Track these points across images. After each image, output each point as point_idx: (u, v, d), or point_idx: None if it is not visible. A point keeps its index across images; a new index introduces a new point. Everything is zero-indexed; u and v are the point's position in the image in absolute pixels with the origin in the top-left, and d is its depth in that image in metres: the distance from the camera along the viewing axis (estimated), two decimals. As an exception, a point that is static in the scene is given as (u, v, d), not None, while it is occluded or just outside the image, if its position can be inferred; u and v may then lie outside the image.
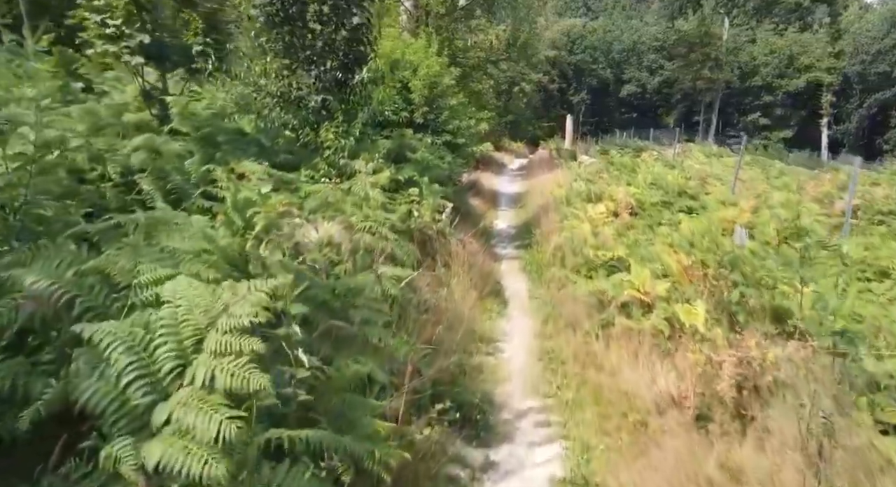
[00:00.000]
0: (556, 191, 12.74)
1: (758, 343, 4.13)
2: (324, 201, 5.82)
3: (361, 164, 7.32)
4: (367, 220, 5.59)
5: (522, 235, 11.17)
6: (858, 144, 46.53)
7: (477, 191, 14.71)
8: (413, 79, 12.06)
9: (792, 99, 46.80)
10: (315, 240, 5.08)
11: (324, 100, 8.43)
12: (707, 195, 13.41)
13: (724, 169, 17.87)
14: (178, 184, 5.20)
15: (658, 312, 5.54)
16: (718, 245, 6.64)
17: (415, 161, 9.17)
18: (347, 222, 5.38)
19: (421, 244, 7.40)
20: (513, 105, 35.42)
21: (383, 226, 5.87)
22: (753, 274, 6.27)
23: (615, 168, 13.52)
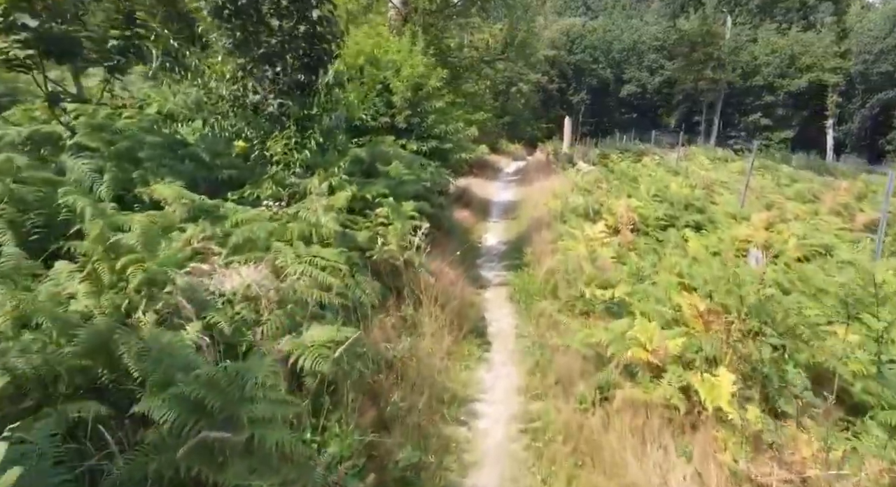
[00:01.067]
0: (551, 203, 11.48)
1: (816, 455, 2.87)
2: (251, 236, 4.57)
3: (314, 183, 6.06)
4: (304, 260, 4.33)
5: (513, 254, 9.91)
6: (861, 145, 45.14)
7: (467, 201, 13.44)
8: (395, 80, 10.79)
9: (793, 99, 45.41)
10: (229, 293, 3.85)
11: (281, 104, 7.19)
12: (714, 205, 12.14)
13: (730, 175, 16.58)
14: (45, 220, 3.94)
15: (670, 378, 4.29)
16: (738, 283, 5.37)
17: (386, 175, 7.91)
18: (274, 265, 4.13)
19: (389, 275, 6.17)
20: (510, 106, 34.13)
21: (332, 264, 4.62)
22: (785, 321, 5.02)
23: (615, 176, 12.27)
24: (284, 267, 4.16)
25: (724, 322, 4.80)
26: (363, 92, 10.98)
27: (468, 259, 9.52)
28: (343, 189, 6.57)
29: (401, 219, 6.44)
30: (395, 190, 7.77)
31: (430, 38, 16.04)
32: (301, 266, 4.17)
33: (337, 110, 7.89)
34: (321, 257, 4.39)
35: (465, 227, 11.34)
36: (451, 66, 18.18)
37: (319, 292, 4.06)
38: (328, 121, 7.45)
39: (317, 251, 4.51)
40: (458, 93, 18.95)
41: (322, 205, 5.62)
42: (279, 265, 4.16)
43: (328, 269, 4.49)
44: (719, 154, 20.28)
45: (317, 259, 4.33)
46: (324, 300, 4.18)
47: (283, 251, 4.35)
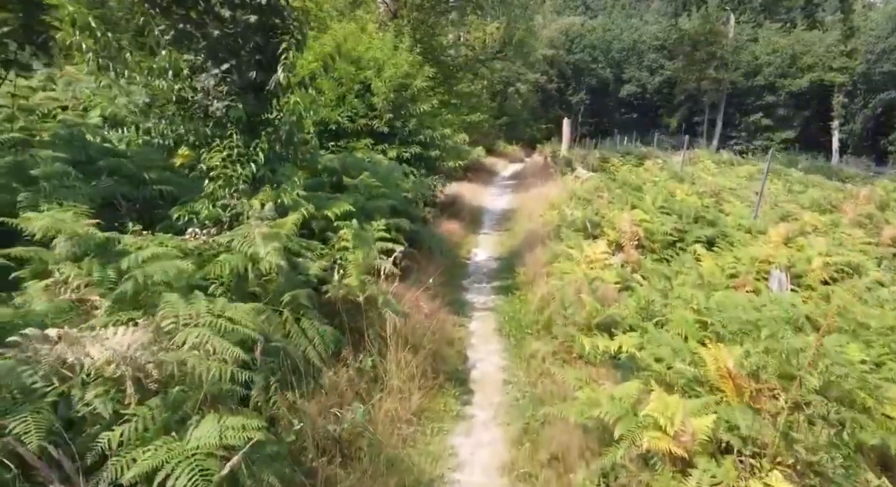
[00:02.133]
0: (547, 214, 10.34)
1: None
2: (148, 280, 3.43)
3: (255, 203, 4.92)
4: (203, 321, 3.18)
5: (504, 273, 8.77)
6: (862, 146, 43.91)
7: (458, 210, 12.29)
8: (376, 80, 9.63)
9: (794, 99, 44.20)
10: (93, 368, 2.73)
11: (228, 107, 6.05)
12: (724, 215, 10.98)
13: (738, 180, 15.40)
14: None
15: (700, 479, 3.14)
16: (777, 334, 4.23)
17: (354, 189, 6.77)
18: (158, 328, 2.99)
19: (349, 315, 5.02)
20: (508, 106, 32.94)
21: (242, 327, 3.48)
22: (839, 385, 3.88)
23: (618, 184, 11.12)
24: (171, 330, 3.01)
25: (765, 390, 3.66)
26: (341, 92, 9.83)
27: (454, 280, 8.38)
28: (298, 208, 5.43)
29: (364, 245, 5.28)
30: (364, 206, 6.64)
31: (421, 35, 14.88)
32: (197, 330, 3.01)
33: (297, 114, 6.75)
34: (228, 318, 3.22)
35: (454, 241, 10.19)
36: (444, 65, 17.04)
37: (222, 366, 2.91)
38: (283, 127, 6.31)
39: (222, 307, 3.34)
40: (451, 93, 17.80)
41: (262, 232, 4.47)
42: (167, 327, 3.01)
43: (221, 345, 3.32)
44: (724, 157, 19.09)
45: (221, 320, 3.17)
46: (235, 376, 3.03)
47: (175, 305, 3.19)
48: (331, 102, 9.68)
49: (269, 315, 4.20)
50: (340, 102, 9.75)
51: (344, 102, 9.71)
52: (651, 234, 8.58)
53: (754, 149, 44.27)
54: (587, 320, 5.50)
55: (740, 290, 7.41)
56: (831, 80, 41.24)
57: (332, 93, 9.72)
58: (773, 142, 44.92)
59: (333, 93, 9.73)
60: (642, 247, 8.51)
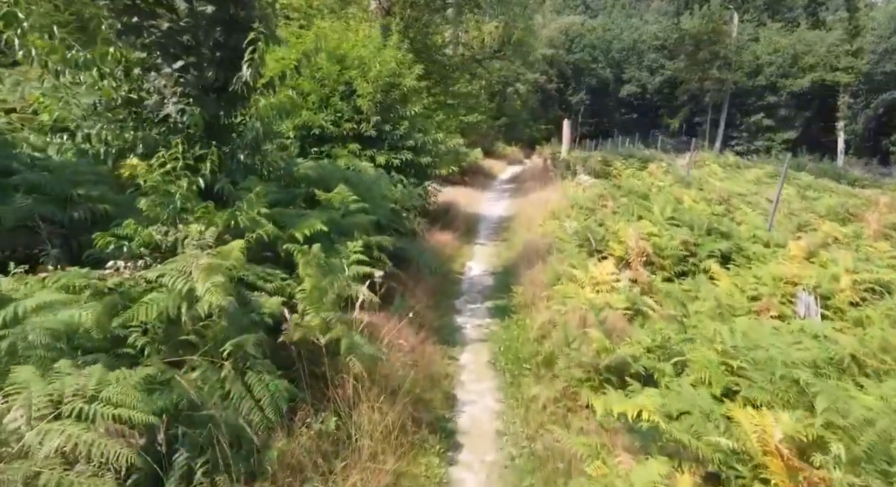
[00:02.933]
0: (548, 224, 9.49)
1: None
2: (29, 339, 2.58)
3: (195, 229, 4.05)
4: (80, 399, 2.33)
5: (500, 291, 7.92)
6: (864, 146, 43.00)
7: (452, 219, 11.42)
8: (360, 80, 8.77)
9: (796, 99, 43.30)
10: None
11: (182, 111, 5.20)
12: (736, 223, 10.12)
13: (747, 185, 14.52)
14: None
15: None
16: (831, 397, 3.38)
17: (329, 204, 5.91)
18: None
19: (311, 361, 4.18)
20: (507, 106, 32.04)
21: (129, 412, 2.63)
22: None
23: (623, 192, 10.26)
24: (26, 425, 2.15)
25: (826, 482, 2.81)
26: (324, 94, 8.97)
27: (445, 299, 7.53)
28: (256, 229, 4.58)
29: (329, 276, 4.43)
30: (340, 223, 5.78)
31: (414, 33, 14.02)
32: (57, 425, 2.15)
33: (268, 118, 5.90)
34: (106, 401, 2.36)
35: (447, 253, 9.34)
36: (439, 65, 16.18)
37: (93, 483, 2.05)
38: (252, 133, 5.45)
39: (99, 382, 2.47)
40: (447, 94, 16.95)
41: (202, 264, 3.61)
42: (12, 424, 2.15)
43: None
44: (730, 160, 18.20)
45: (96, 405, 2.31)
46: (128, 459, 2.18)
47: (29, 384, 2.32)
48: (313, 105, 8.81)
49: (204, 371, 3.36)
50: (324, 104, 8.89)
51: (328, 104, 8.85)
52: (661, 250, 7.73)
53: (755, 149, 43.46)
54: (595, 361, 4.64)
55: (763, 315, 6.56)
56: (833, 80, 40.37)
57: (315, 94, 8.86)
58: (775, 142, 44.03)
59: (316, 95, 8.86)
60: (651, 264, 7.66)
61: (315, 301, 4.10)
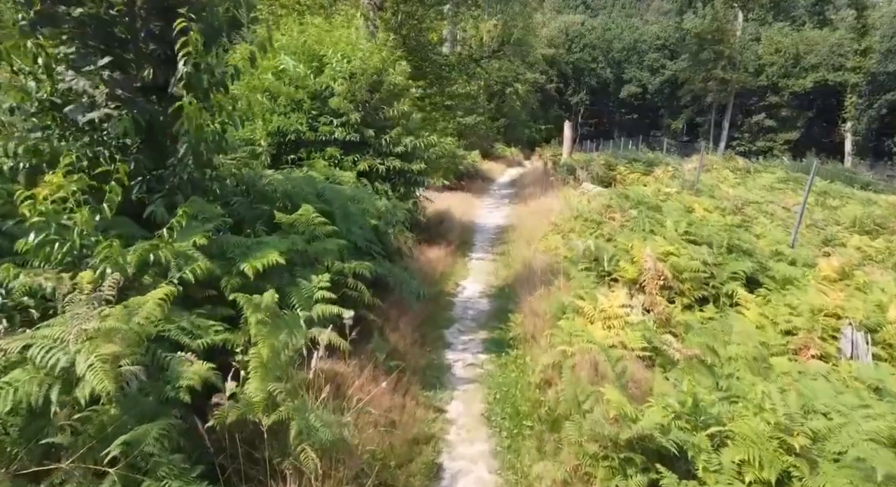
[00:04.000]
0: (550, 239, 8.50)
1: None
2: None
3: (85, 279, 3.04)
4: None
5: (497, 318, 6.92)
6: (867, 146, 41.95)
7: (445, 229, 10.40)
8: (337, 77, 7.77)
9: (798, 99, 42.26)
10: None
11: (108, 117, 4.21)
12: (755, 235, 9.12)
13: (761, 191, 13.49)
14: None
15: None
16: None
17: (291, 228, 4.90)
18: None
19: (247, 452, 3.18)
20: (506, 107, 30.99)
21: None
22: None
23: (631, 203, 9.23)
24: None
25: None
26: (299, 95, 7.96)
27: (433, 328, 6.52)
28: (185, 266, 3.58)
29: (279, 331, 3.42)
30: (305, 251, 4.77)
31: (407, 29, 13.00)
32: None
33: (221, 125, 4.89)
34: None
35: (440, 271, 8.33)
36: (435, 64, 15.17)
37: None
38: (192, 143, 4.45)
39: None
40: (443, 94, 15.94)
41: (87, 329, 2.61)
42: None
43: None
44: (740, 164, 17.17)
45: None
46: None
47: None
48: (285, 107, 7.81)
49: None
50: (298, 106, 7.88)
51: (301, 107, 7.84)
52: (679, 272, 6.72)
53: (757, 150, 42.42)
54: (612, 431, 3.64)
55: (803, 355, 5.56)
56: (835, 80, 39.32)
57: (287, 96, 7.85)
58: (776, 143, 43.00)
59: (288, 97, 7.85)
60: (668, 289, 6.65)
61: (262, 367, 3.10)
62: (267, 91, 7.94)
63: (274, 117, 7.51)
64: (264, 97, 7.87)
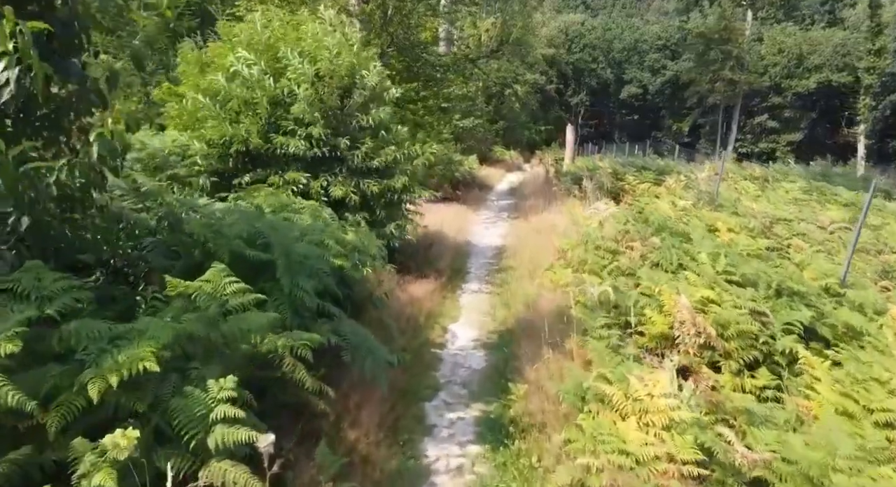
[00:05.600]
0: (557, 274, 6.96)
1: None
2: None
3: None
4: None
5: (493, 379, 5.39)
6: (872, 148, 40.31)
7: (436, 254, 8.82)
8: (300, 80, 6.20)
9: (801, 100, 40.63)
10: None
11: None
12: (798, 267, 7.56)
13: (788, 205, 11.90)
14: None
15: None
16: None
17: (189, 301, 3.32)
18: None
19: None
20: (505, 108, 29.37)
21: None
22: None
23: (652, 228, 7.62)
24: None
25: None
26: (255, 97, 6.38)
27: (410, 407, 4.96)
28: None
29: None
30: (208, 337, 3.20)
31: (395, 26, 11.42)
32: None
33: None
34: None
35: (426, 311, 6.78)
36: (429, 65, 13.59)
37: None
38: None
39: None
40: (438, 96, 14.37)
41: None
42: None
43: None
44: (757, 172, 15.53)
45: None
46: None
47: None
48: (235, 112, 6.25)
49: None
50: (251, 111, 6.31)
51: (254, 111, 6.27)
52: (724, 328, 5.16)
53: (759, 152, 40.79)
54: None
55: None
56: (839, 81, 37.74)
57: (240, 99, 6.28)
58: (779, 144, 41.36)
59: (242, 100, 6.29)
60: (710, 348, 5.10)
61: None
62: (217, 94, 6.39)
63: (216, 124, 5.95)
64: (213, 101, 6.32)
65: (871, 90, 29.24)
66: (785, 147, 40.57)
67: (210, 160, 6.10)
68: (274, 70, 6.64)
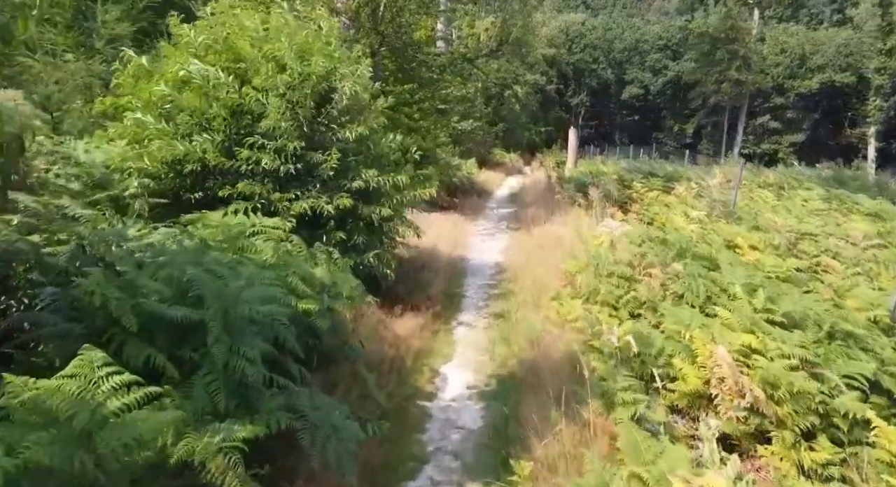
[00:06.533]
0: (566, 306, 5.95)
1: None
2: None
3: None
4: None
5: (492, 446, 4.37)
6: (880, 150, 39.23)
7: (428, 276, 7.78)
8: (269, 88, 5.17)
9: (804, 101, 39.54)
10: None
11: None
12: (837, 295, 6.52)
13: (810, 215, 10.86)
14: None
15: None
16: None
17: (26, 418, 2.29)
18: None
19: None
20: (504, 110, 28.31)
21: None
22: None
23: (673, 251, 6.56)
24: None
25: None
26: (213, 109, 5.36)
27: (390, 483, 3.95)
28: None
29: None
30: (74, 463, 2.17)
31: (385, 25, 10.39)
32: None
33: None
34: None
35: (413, 351, 5.76)
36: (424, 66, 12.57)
37: None
38: None
39: None
40: (433, 98, 13.33)
41: None
42: None
43: None
44: (771, 178, 14.46)
45: None
46: None
47: None
48: (188, 126, 5.22)
49: None
50: (208, 126, 5.29)
51: (211, 125, 5.25)
52: (773, 386, 4.14)
53: (761, 153, 39.70)
54: None
55: None
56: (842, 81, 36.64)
57: (197, 112, 5.26)
58: (781, 146, 40.27)
59: (197, 112, 5.27)
60: (759, 415, 4.09)
61: None
62: (165, 105, 5.36)
63: (163, 144, 4.93)
64: (158, 117, 5.29)
65: (881, 91, 28.07)
66: (787, 148, 39.51)
67: (158, 181, 5.08)
68: (235, 72, 5.61)
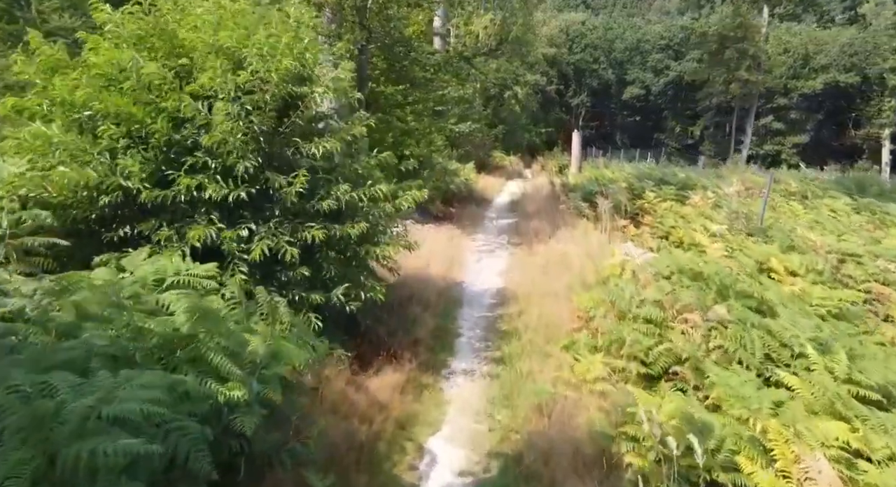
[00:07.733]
0: (584, 363, 4.75)
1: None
2: None
3: None
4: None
5: None
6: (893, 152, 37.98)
7: (416, 312, 6.54)
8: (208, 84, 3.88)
9: (807, 101, 38.27)
10: None
11: None
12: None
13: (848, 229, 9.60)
14: None
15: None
16: None
17: None
18: None
19: None
20: (504, 111, 27.03)
21: None
22: None
23: (712, 289, 5.32)
24: None
25: None
26: (148, 119, 4.12)
27: None
28: None
29: None
30: None
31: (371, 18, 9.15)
32: None
33: None
34: None
35: (392, 419, 4.53)
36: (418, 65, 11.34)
37: None
38: None
39: None
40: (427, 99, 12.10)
41: None
42: None
43: None
44: (794, 186, 13.12)
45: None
46: None
47: None
48: (119, 138, 3.99)
49: None
50: (143, 141, 4.06)
51: (146, 142, 4.02)
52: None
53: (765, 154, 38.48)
54: None
55: None
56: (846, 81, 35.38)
57: (128, 121, 4.02)
58: (784, 147, 39.03)
59: (129, 122, 4.03)
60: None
61: None
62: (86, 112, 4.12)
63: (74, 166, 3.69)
64: (72, 123, 4.05)
65: (895, 92, 26.86)
66: (790, 149, 38.33)
67: (62, 212, 3.85)
68: (175, 70, 4.37)
